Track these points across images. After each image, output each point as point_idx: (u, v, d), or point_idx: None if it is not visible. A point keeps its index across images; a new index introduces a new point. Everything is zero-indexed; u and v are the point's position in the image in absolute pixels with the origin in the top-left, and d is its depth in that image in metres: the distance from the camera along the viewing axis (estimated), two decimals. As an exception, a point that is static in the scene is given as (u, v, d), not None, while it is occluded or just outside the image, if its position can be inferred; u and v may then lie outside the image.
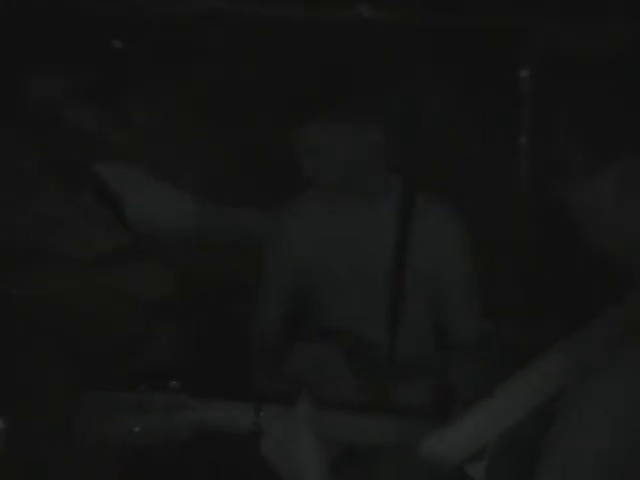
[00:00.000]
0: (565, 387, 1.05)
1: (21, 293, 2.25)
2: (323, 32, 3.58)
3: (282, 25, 3.70)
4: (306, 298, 2.42)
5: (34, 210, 2.34)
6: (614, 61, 1.18)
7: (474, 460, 1.14)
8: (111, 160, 2.70)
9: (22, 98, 2.34)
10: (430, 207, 2.25)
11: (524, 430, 1.11)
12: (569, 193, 1.16)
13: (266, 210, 3.88)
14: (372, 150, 2.15)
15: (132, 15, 3.60)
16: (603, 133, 1.11)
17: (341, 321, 2.28)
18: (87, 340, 2.32)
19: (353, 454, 1.83)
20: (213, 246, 3.79)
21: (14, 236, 2.30)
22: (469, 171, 3.83)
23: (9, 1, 2.63)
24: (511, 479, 1.14)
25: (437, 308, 2.32)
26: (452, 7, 3.79)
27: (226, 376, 3.36)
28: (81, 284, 2.32)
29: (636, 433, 0.99)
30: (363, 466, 1.97)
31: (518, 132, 4.18)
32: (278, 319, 2.44)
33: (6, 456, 2.18)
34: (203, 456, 3.19)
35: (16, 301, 2.24)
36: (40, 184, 2.38)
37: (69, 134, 2.45)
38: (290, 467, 1.29)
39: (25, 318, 2.25)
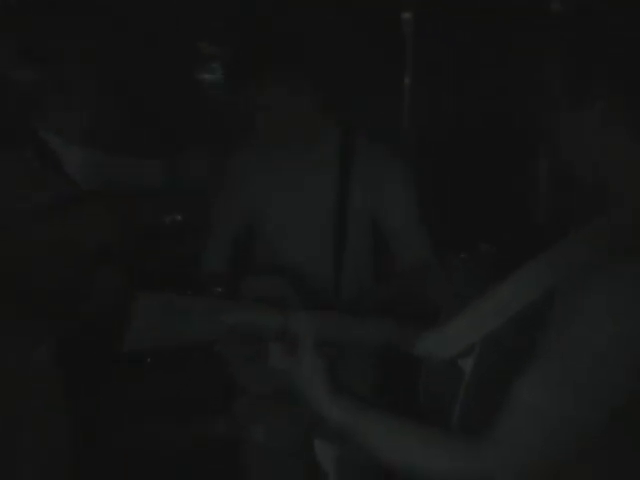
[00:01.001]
0: (547, 294, 1.25)
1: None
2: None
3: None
4: (252, 239, 2.58)
5: None
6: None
7: (464, 355, 1.38)
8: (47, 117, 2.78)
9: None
10: (367, 148, 2.42)
11: (508, 332, 1.31)
12: (555, 126, 1.31)
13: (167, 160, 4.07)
14: (309, 102, 2.33)
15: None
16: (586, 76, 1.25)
17: (285, 259, 2.44)
18: (37, 289, 2.44)
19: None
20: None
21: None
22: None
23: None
24: (496, 372, 1.33)
25: (382, 243, 2.49)
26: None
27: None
28: (25, 235, 2.43)
29: (630, 340, 1.15)
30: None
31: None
32: (225, 259, 2.58)
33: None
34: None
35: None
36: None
37: (7, 92, 2.53)
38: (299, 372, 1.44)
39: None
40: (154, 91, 4.27)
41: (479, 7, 4.25)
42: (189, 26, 4.16)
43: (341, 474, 2.55)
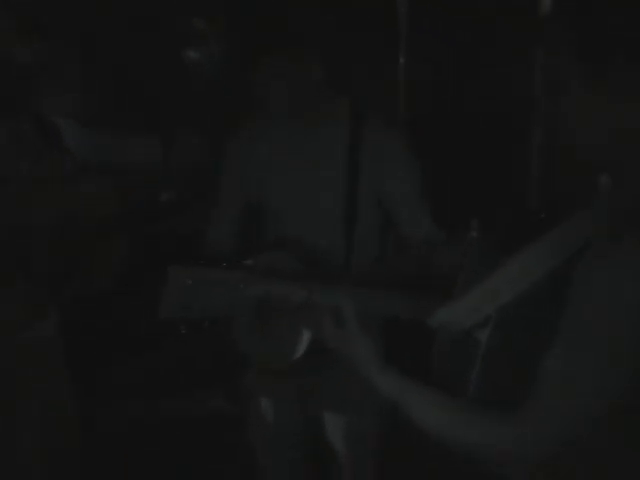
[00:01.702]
0: (556, 271, 1.31)
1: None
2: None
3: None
4: (259, 218, 2.58)
5: None
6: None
7: (480, 326, 1.42)
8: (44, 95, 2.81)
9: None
10: (376, 126, 2.43)
11: (523, 303, 1.35)
12: (566, 105, 1.33)
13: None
14: (318, 80, 2.33)
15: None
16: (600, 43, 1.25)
17: (295, 234, 2.44)
18: (39, 260, 2.47)
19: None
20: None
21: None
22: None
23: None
24: (513, 342, 1.38)
25: (389, 219, 2.50)
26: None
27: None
28: (27, 204, 2.45)
29: None
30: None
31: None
32: (231, 236, 2.59)
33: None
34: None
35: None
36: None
37: (4, 67, 2.55)
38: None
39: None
40: (149, 70, 4.28)
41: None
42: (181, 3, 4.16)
43: (351, 445, 2.60)
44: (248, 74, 2.31)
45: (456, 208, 2.95)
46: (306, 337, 2.02)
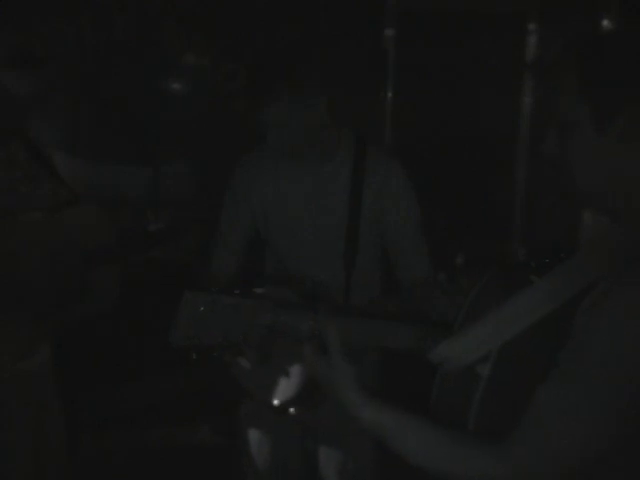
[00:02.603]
0: (564, 306, 1.31)
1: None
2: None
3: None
4: (259, 250, 2.61)
5: None
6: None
7: (481, 361, 1.43)
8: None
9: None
10: (377, 160, 2.45)
11: (526, 340, 1.36)
12: (569, 149, 1.33)
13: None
14: (323, 117, 2.35)
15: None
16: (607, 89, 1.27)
17: (295, 268, 2.48)
18: (36, 284, 2.48)
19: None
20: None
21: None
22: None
23: None
24: (513, 377, 1.39)
25: (388, 252, 2.53)
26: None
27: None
28: (25, 235, 2.47)
29: None
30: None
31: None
32: (233, 267, 2.59)
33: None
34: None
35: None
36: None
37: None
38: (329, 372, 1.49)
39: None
40: (140, 102, 4.31)
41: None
42: (176, 38, 4.20)
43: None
44: (252, 111, 2.32)
45: (444, 242, 3.01)
46: (297, 375, 2.04)
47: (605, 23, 4.45)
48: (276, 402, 2.25)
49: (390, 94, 4.61)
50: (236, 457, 2.73)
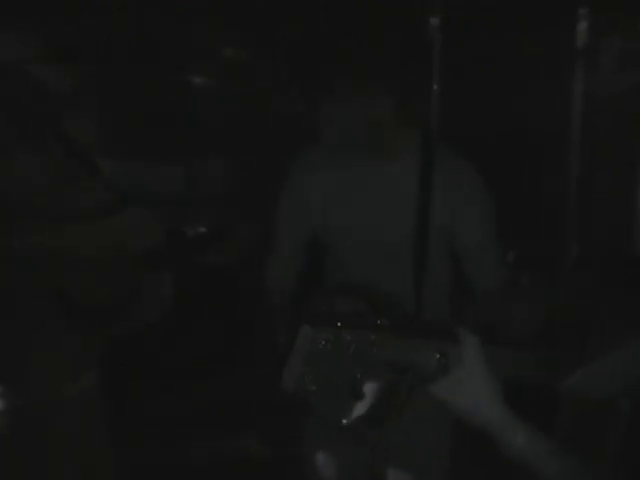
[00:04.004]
0: None
1: (21, 245, 2.22)
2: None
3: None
4: (321, 253, 2.43)
5: (16, 174, 2.30)
6: None
7: (621, 395, 1.26)
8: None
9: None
10: (446, 160, 2.27)
11: None
12: None
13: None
14: (387, 108, 2.19)
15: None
16: None
17: (358, 277, 2.28)
18: (85, 292, 2.32)
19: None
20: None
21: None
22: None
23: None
24: None
25: (458, 260, 2.35)
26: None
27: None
28: (74, 238, 2.31)
29: None
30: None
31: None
32: (291, 275, 2.43)
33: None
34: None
35: (16, 253, 2.21)
36: (16, 150, 2.34)
37: (36, 94, 2.42)
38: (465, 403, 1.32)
39: (25, 270, 2.22)
40: (174, 99, 4.17)
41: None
42: (213, 31, 4.05)
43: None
44: (311, 105, 2.17)
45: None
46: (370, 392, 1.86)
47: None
48: (345, 420, 2.08)
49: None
50: (288, 469, 2.59)
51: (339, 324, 1.42)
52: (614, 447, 1.28)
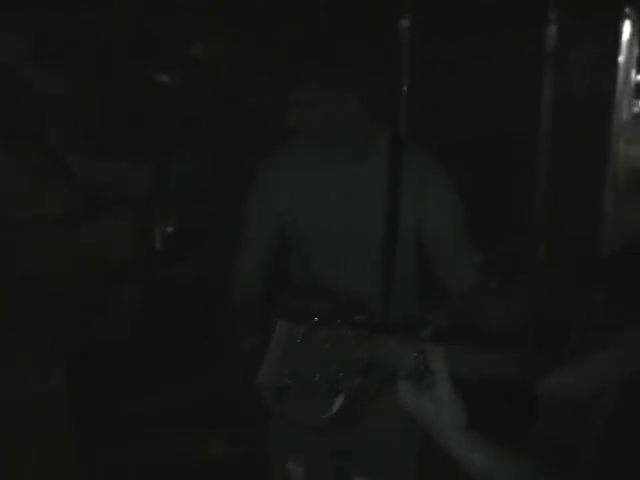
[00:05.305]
0: None
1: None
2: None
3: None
4: (288, 254, 2.41)
5: None
6: None
7: (595, 397, 1.26)
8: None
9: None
10: (415, 161, 2.25)
11: None
12: None
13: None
14: (355, 107, 2.17)
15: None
16: None
17: (325, 277, 2.28)
18: (54, 307, 2.29)
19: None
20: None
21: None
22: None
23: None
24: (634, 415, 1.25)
25: (427, 261, 2.33)
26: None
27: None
28: (40, 250, 2.27)
29: None
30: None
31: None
32: (258, 274, 2.40)
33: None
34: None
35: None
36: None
37: (17, 101, 2.40)
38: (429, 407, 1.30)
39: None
40: (141, 96, 4.13)
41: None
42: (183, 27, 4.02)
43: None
44: (279, 101, 2.15)
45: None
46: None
47: (627, 11, 4.32)
48: (323, 416, 2.05)
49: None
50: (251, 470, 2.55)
51: (316, 319, 1.39)
52: (590, 448, 1.27)
